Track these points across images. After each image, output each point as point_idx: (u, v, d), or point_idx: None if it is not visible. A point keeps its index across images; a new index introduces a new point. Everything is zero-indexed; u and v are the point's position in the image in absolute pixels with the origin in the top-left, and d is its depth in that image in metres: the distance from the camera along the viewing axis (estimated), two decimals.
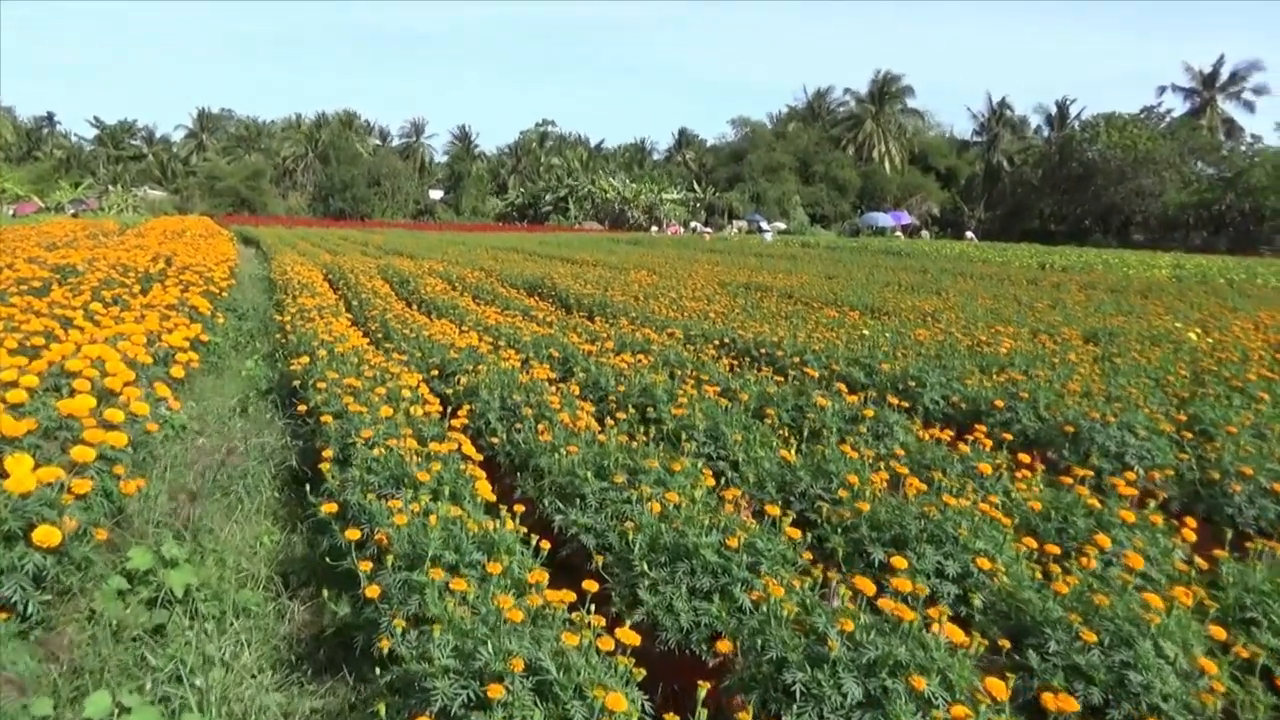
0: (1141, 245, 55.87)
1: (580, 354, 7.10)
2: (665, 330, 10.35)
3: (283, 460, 5.39)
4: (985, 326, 10.90)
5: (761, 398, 5.85)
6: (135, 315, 8.36)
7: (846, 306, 13.78)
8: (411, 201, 74.84)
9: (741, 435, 4.74)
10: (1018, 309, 14.06)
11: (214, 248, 22.26)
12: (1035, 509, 3.78)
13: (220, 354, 9.89)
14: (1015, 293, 17.68)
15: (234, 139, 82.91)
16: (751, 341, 8.80)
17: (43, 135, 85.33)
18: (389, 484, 3.71)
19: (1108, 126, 63.10)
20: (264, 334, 11.45)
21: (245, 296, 14.96)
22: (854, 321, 11.38)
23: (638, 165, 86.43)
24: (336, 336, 7.35)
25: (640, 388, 5.75)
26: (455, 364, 6.64)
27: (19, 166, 73.73)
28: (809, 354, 8.03)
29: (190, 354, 7.43)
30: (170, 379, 6.43)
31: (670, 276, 19.65)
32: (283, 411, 6.87)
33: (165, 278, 12.69)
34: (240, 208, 66.77)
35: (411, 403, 5.13)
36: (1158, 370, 7.32)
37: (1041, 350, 8.21)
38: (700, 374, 6.62)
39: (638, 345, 8.13)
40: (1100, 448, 5.17)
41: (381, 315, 9.94)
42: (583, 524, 3.67)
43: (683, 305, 12.73)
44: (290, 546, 4.42)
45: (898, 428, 5.15)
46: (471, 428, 5.32)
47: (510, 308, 11.93)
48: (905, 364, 7.22)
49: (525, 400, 5.30)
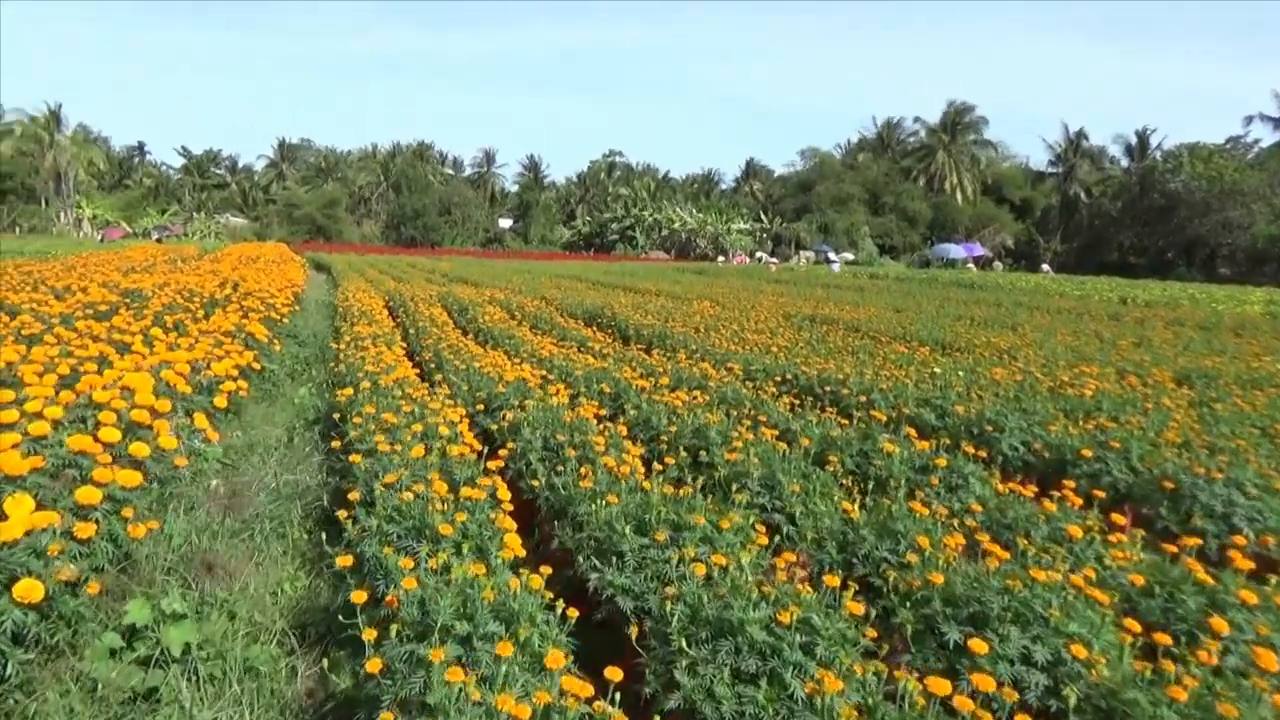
0: (1228, 280, 53.49)
1: (632, 390, 6.77)
2: (724, 364, 9.97)
3: (316, 498, 5.16)
4: (1066, 366, 10.27)
5: (823, 442, 5.44)
6: (189, 342, 8.33)
7: (916, 342, 13.21)
8: (481, 230, 75.93)
9: (800, 485, 4.33)
10: (1100, 346, 13.31)
11: (283, 273, 22.65)
12: (1137, 583, 3.30)
13: (275, 381, 9.83)
14: (1096, 329, 16.83)
15: (312, 168, 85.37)
16: (815, 379, 8.36)
17: (134, 164, 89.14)
18: (410, 535, 3.41)
19: (1191, 157, 60.89)
20: (321, 361, 11.40)
21: (308, 323, 15.03)
22: (924, 358, 10.84)
23: (705, 195, 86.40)
24: (383, 367, 7.16)
25: (693, 428, 5.38)
26: (502, 399, 6.37)
27: (110, 194, 77.09)
28: (875, 393, 7.56)
29: (239, 382, 7.32)
30: (213, 409, 6.30)
31: (733, 308, 19.25)
32: (325, 444, 6.68)
33: (229, 303, 12.79)
34: (316, 235, 68.48)
35: (449, 441, 4.85)
36: (1263, 418, 6.68)
37: (1131, 394, 7.60)
38: (759, 414, 6.23)
39: (694, 381, 7.77)
40: (1204, 507, 4.62)
41: (435, 344, 9.77)
42: (619, 585, 3.31)
43: (744, 338, 12.34)
44: (314, 594, 4.15)
45: (973, 479, 4.68)
46: (512, 469, 5.02)
47: (567, 338, 11.68)
48: (981, 406, 6.72)
49: (569, 440, 4.98)
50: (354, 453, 4.54)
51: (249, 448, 6.61)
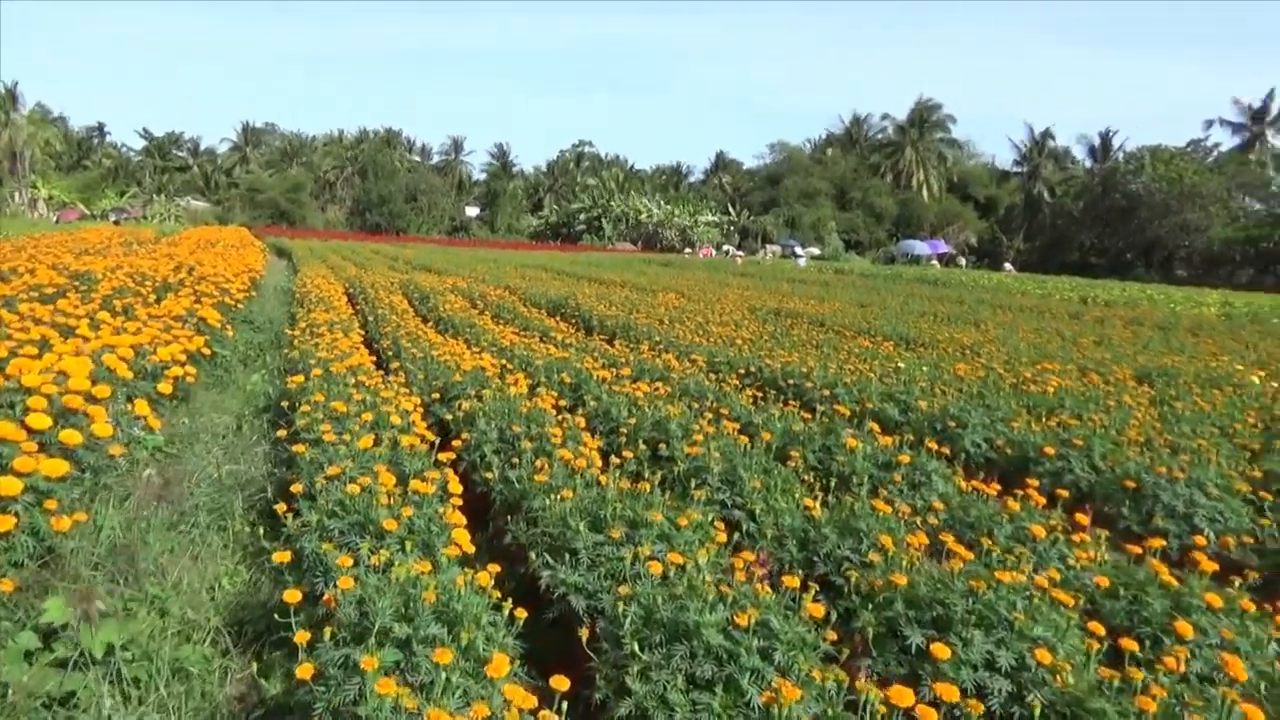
0: (1185, 281, 54.43)
1: (593, 381, 6.63)
2: (688, 356, 9.86)
3: (260, 489, 4.96)
4: (1029, 363, 10.29)
5: (786, 436, 5.34)
6: (137, 326, 8.04)
7: (880, 337, 13.20)
8: (447, 218, 75.16)
9: (761, 481, 4.23)
10: (1061, 344, 13.40)
11: (242, 258, 22.15)
12: (1101, 585, 3.23)
13: (227, 368, 9.55)
14: (1057, 327, 16.96)
15: (277, 152, 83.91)
16: (778, 371, 8.29)
17: (93, 145, 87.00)
18: (353, 530, 3.25)
19: (1153, 159, 61.85)
20: (276, 348, 11.12)
21: (265, 308, 14.69)
22: (888, 353, 10.82)
23: (673, 187, 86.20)
24: (337, 354, 6.95)
25: (653, 421, 5.26)
26: (458, 388, 6.20)
27: (68, 175, 75.13)
28: (839, 387, 7.50)
29: (187, 368, 7.07)
30: (157, 395, 6.07)
31: (699, 300, 19.16)
32: (274, 432, 6.46)
33: (182, 287, 12.43)
34: (280, 220, 67.33)
35: (400, 431, 4.69)
36: (1222, 418, 6.70)
37: (1094, 391, 7.60)
38: (721, 406, 6.12)
39: (656, 372, 7.65)
40: (1166, 507, 4.59)
41: (394, 332, 9.55)
42: (572, 583, 3.18)
43: (709, 330, 12.24)
44: (254, 589, 3.96)
45: (936, 477, 4.60)
46: (465, 460, 4.87)
47: (529, 328, 11.50)
48: (944, 402, 6.67)
49: (526, 432, 4.83)
50: (299, 442, 4.36)
51: (194, 435, 6.37)
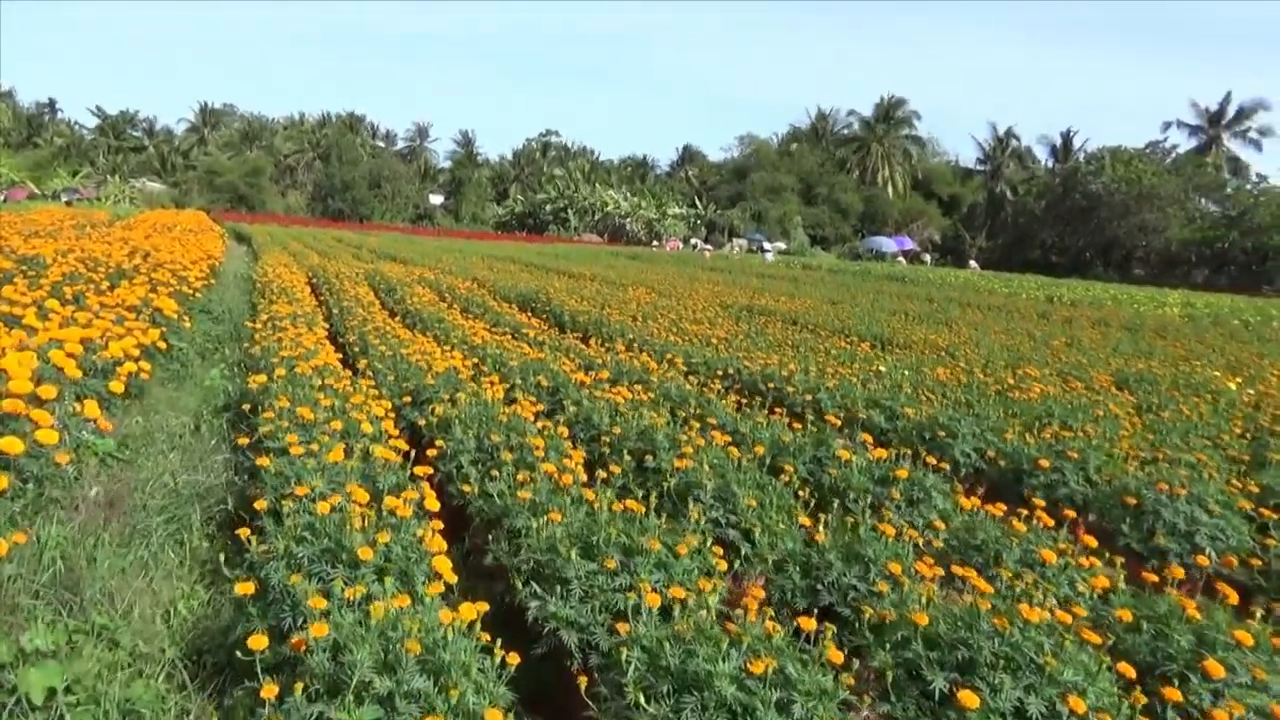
0: (1142, 280, 55.31)
1: (572, 384, 6.38)
2: (665, 356, 9.64)
3: (220, 500, 4.64)
4: (1006, 366, 10.21)
5: (775, 447, 5.13)
6: (88, 317, 7.64)
7: (855, 336, 13.08)
8: (411, 206, 74.10)
9: (755, 498, 4.02)
10: (1033, 346, 13.38)
11: (200, 244, 21.49)
12: (1124, 620, 3.06)
13: (184, 361, 9.14)
14: (1027, 327, 17.01)
15: (236, 134, 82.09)
16: (759, 374, 8.09)
17: (44, 122, 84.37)
18: (324, 558, 2.98)
19: (1112, 160, 62.72)
20: (236, 340, 10.71)
21: (224, 298, 14.21)
22: (865, 354, 10.68)
23: (640, 179, 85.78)
24: (301, 352, 6.62)
25: (638, 431, 5.02)
26: (431, 390, 5.92)
27: (17, 153, 72.84)
28: (822, 392, 7.32)
29: (141, 364, 6.70)
30: (108, 394, 5.71)
31: (670, 295, 18.94)
32: (235, 433, 6.13)
33: (137, 274, 11.95)
34: (239, 204, 65.93)
35: (372, 440, 4.40)
36: (1209, 427, 6.62)
37: (1078, 399, 7.50)
38: (705, 414, 5.91)
39: (635, 375, 7.41)
40: (1167, 525, 4.46)
41: (360, 327, 9.22)
42: (563, 617, 2.94)
43: (683, 328, 12.02)
44: (215, 613, 3.67)
45: (936, 493, 4.42)
46: (441, 471, 4.60)
47: (500, 324, 11.21)
48: (932, 410, 6.52)
49: (505, 442, 4.57)
50: (263, 453, 4.06)
51: (149, 437, 6.02)
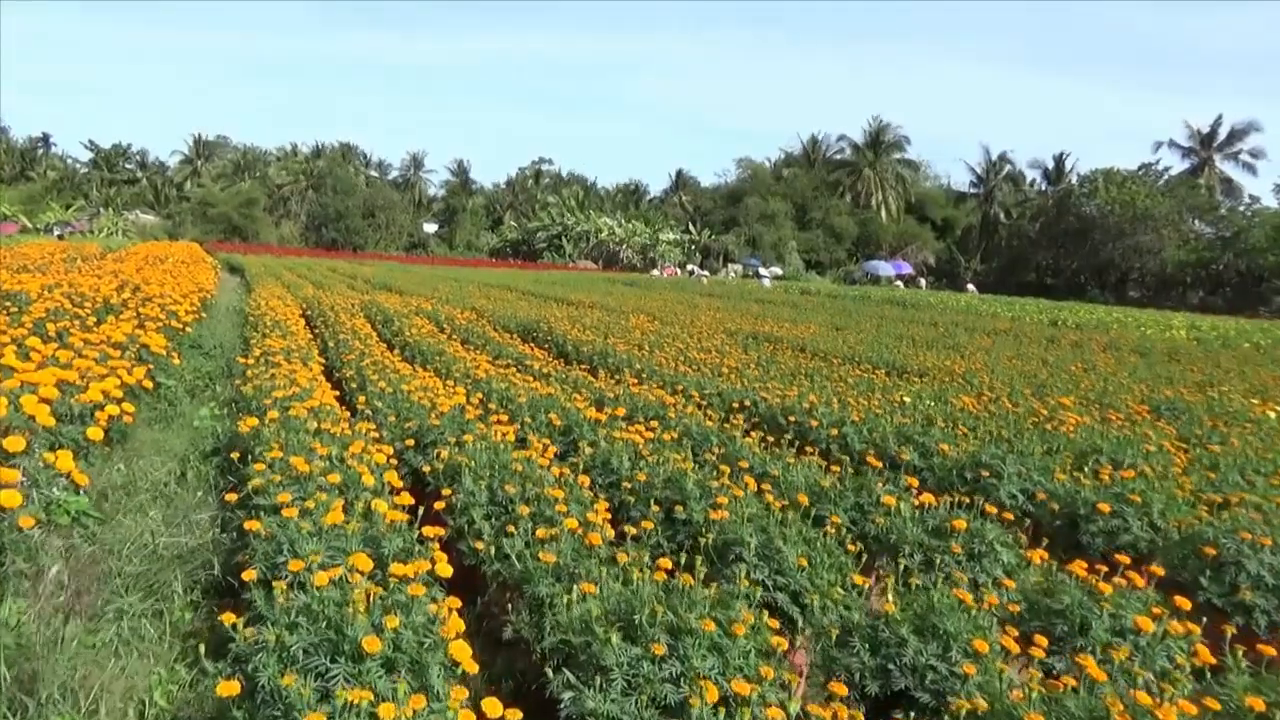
0: (1138, 302, 55.24)
1: (586, 423, 5.96)
2: (675, 387, 9.25)
3: (206, 562, 4.21)
4: (1031, 394, 9.83)
5: (813, 492, 4.72)
6: (70, 356, 7.22)
7: (867, 364, 12.69)
8: (405, 234, 73.87)
9: (805, 556, 3.59)
10: (1050, 372, 13.01)
11: (192, 276, 21.11)
12: (1255, 709, 2.64)
13: (172, 400, 8.73)
14: (1038, 352, 16.66)
15: (230, 165, 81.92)
16: (778, 408, 7.68)
17: (37, 156, 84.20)
18: (322, 648, 2.55)
19: (1105, 182, 62.81)
20: (227, 376, 10.29)
21: (215, 332, 13.80)
22: (882, 382, 10.29)
23: (633, 205, 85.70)
24: (296, 391, 6.20)
25: (665, 478, 4.60)
26: (435, 433, 5.50)
27: (10, 187, 72.49)
28: (848, 425, 6.92)
29: (124, 405, 6.27)
30: (86, 441, 5.28)
31: (672, 322, 18.59)
32: (224, 481, 5.69)
33: (125, 309, 11.54)
34: (232, 235, 65.61)
35: (373, 493, 3.98)
36: (1264, 463, 6.22)
37: (1117, 431, 7.10)
38: (732, 455, 5.49)
39: (650, 410, 7.00)
40: (1252, 578, 4.04)
41: (357, 362, 8.80)
42: (605, 715, 2.51)
43: (690, 357, 11.64)
44: (199, 699, 3.23)
45: (1000, 547, 4.00)
46: (451, 526, 4.17)
47: (503, 355, 10.81)
48: (969, 446, 6.11)
49: (521, 493, 4.15)
50: (253, 516, 3.62)
51: (131, 486, 5.59)
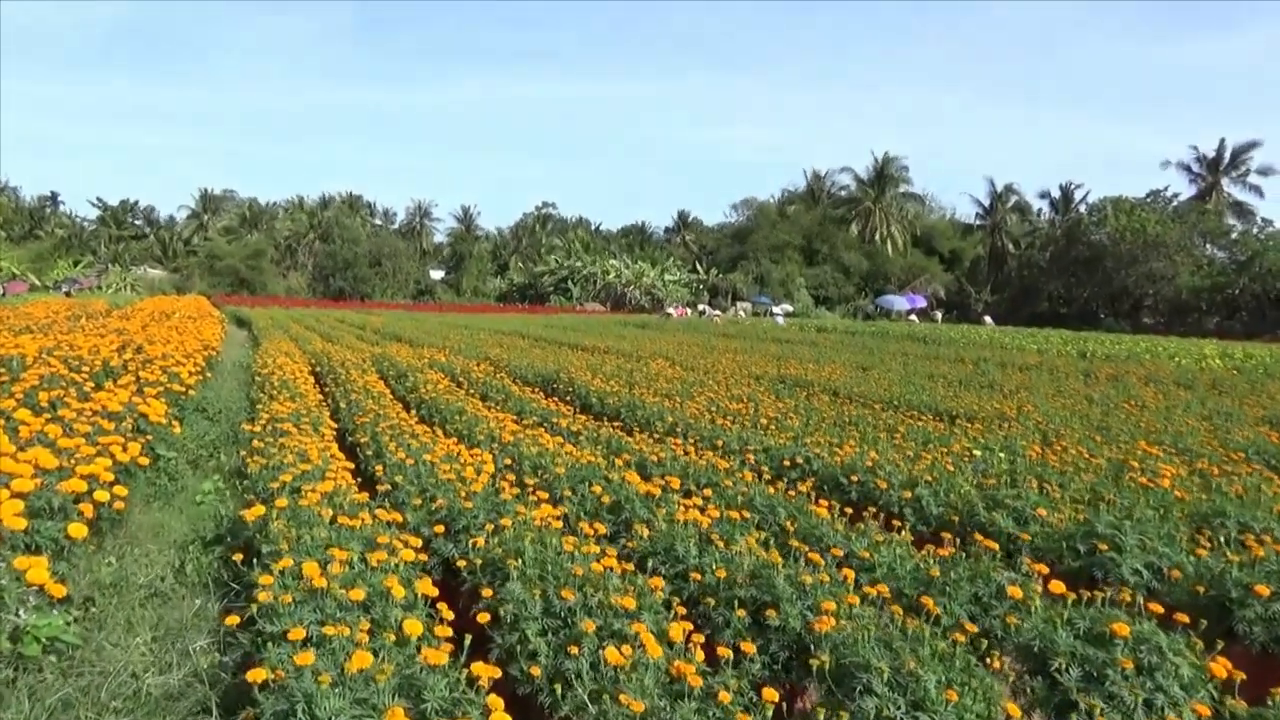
0: (1152, 329, 54.55)
1: (638, 498, 5.25)
2: (715, 442, 8.55)
3: (202, 704, 3.47)
4: (1101, 441, 9.09)
5: (917, 581, 3.99)
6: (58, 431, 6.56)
7: (907, 408, 11.98)
8: (412, 281, 73.70)
9: (948, 685, 2.87)
10: (1102, 411, 12.27)
11: (198, 331, 20.54)
12: None
13: (173, 474, 8.04)
14: (1079, 388, 15.91)
15: (237, 218, 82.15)
16: (839, 467, 6.96)
17: (45, 215, 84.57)
18: None
19: (1114, 210, 62.41)
20: (233, 443, 9.61)
21: (221, 393, 13.14)
22: (936, 431, 9.56)
23: (638, 246, 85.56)
24: (306, 470, 5.52)
25: (748, 570, 3.88)
26: (469, 516, 4.80)
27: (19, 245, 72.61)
28: (921, 486, 6.20)
29: (115, 489, 5.59)
30: (67, 540, 4.59)
31: (693, 368, 17.91)
32: (228, 573, 4.98)
33: (125, 372, 10.91)
34: (240, 287, 65.50)
35: (405, 610, 3.28)
36: None
37: (1250, 493, 6.33)
38: (803, 528, 4.77)
39: (702, 476, 6.27)
40: None
41: (372, 425, 8.13)
42: None
43: (723, 407, 10.94)
44: None
45: (1174, 657, 3.26)
46: (499, 646, 3.44)
47: (525, 412, 10.12)
48: (1067, 509, 5.39)
49: (582, 602, 3.44)
50: (258, 647, 2.92)
51: (121, 586, 4.88)
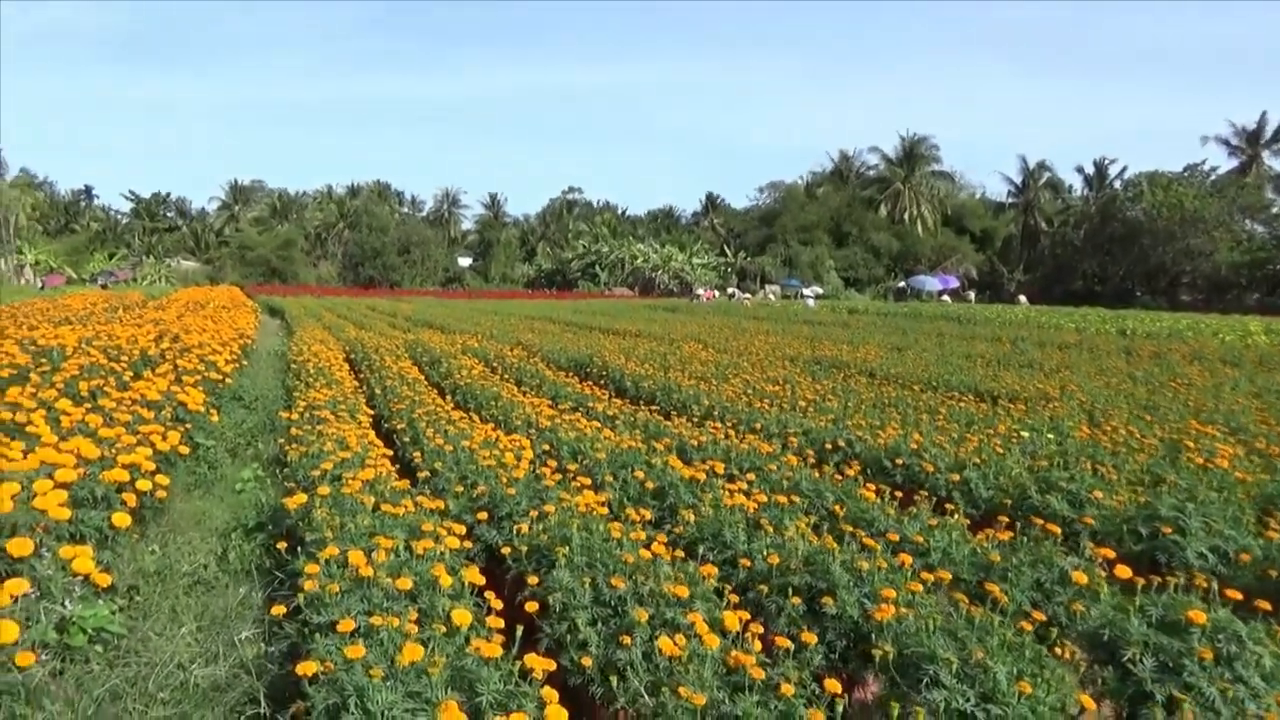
0: (1190, 306, 53.47)
1: (682, 483, 5.15)
2: (754, 425, 8.43)
3: (249, 695, 3.43)
4: (1150, 420, 8.86)
5: (976, 566, 3.86)
6: (99, 421, 6.58)
7: (945, 389, 11.76)
8: (441, 269, 73.99)
9: (1019, 675, 2.75)
10: (1148, 390, 11.97)
11: (232, 320, 20.72)
12: None
13: (213, 462, 8.06)
14: (1120, 366, 15.56)
15: (267, 209, 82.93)
16: (882, 449, 6.82)
17: (80, 209, 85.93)
18: None
19: (1150, 185, 61.15)
20: (270, 430, 9.63)
21: (257, 381, 13.21)
22: (979, 412, 9.37)
23: (665, 230, 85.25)
24: (346, 457, 5.48)
25: (802, 556, 3.77)
26: (512, 503, 4.73)
27: (55, 239, 73.82)
28: (970, 469, 6.04)
29: (157, 478, 5.59)
30: (111, 530, 4.57)
31: (726, 350, 17.77)
32: (270, 560, 4.95)
33: (163, 360, 10.97)
34: (271, 277, 66.13)
35: (452, 599, 3.21)
36: None
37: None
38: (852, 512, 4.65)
39: (745, 460, 6.15)
40: None
41: (409, 412, 8.09)
42: None
43: (759, 389, 10.81)
44: None
45: (1254, 645, 3.11)
46: (548, 635, 3.36)
47: (560, 396, 10.05)
48: (1124, 491, 5.22)
49: (633, 590, 3.35)
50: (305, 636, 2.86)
51: (165, 574, 4.87)
